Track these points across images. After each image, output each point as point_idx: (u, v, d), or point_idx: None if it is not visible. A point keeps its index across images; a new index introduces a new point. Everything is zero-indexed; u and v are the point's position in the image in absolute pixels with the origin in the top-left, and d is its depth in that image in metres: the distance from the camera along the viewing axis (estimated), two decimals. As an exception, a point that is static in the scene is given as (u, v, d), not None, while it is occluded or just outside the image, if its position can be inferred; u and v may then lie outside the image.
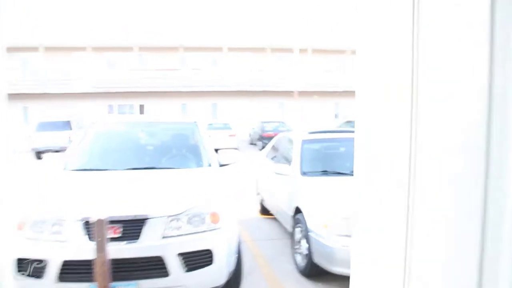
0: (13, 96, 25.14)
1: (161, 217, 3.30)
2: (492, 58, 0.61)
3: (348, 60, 29.60)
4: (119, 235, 3.19)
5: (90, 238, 3.09)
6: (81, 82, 25.66)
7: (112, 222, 3.18)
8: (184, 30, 30.65)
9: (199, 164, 4.67)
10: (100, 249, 2.74)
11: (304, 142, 5.90)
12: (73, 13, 23.33)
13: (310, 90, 27.69)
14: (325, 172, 5.36)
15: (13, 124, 25.23)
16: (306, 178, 5.21)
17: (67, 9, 22.95)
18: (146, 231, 3.24)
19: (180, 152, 5.01)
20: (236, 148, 20.55)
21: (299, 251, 4.79)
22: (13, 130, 23.81)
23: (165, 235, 3.28)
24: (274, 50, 28.55)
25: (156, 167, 4.49)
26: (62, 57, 26.57)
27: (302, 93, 26.59)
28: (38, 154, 18.31)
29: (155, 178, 4.14)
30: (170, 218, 3.33)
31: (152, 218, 3.27)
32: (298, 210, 4.90)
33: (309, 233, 4.40)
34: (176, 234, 3.31)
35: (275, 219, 6.78)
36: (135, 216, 3.26)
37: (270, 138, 20.74)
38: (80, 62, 26.88)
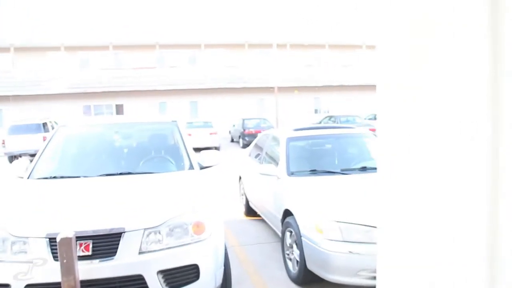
0: (-17, 99, 24.31)
1: (138, 230, 2.94)
2: None
3: (326, 54, 29.44)
4: (90, 252, 2.82)
5: (56, 258, 2.72)
6: (56, 83, 24.84)
7: (82, 237, 2.82)
8: (159, 27, 30.06)
9: (179, 167, 4.31)
10: (67, 272, 2.37)
11: (290, 140, 5.59)
12: (44, 12, 22.54)
13: (290, 86, 27.46)
14: (314, 172, 5.05)
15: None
16: (294, 178, 4.89)
17: (38, 8, 22.14)
18: (122, 246, 2.87)
19: (159, 154, 4.63)
20: (217, 147, 20.21)
21: (291, 256, 4.48)
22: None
23: (142, 250, 2.92)
24: (252, 46, 28.18)
25: (133, 172, 4.12)
26: (35, 57, 25.70)
27: (282, 89, 26.33)
28: (12, 159, 17.67)
29: (132, 185, 3.77)
30: (148, 231, 2.97)
31: (129, 231, 2.91)
32: (287, 213, 4.59)
33: (301, 238, 4.09)
34: (155, 249, 2.96)
35: (261, 220, 6.47)
36: (111, 229, 2.90)
37: (251, 135, 20.54)
38: (54, 62, 26.04)
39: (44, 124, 17.71)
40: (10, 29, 25.05)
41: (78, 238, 2.78)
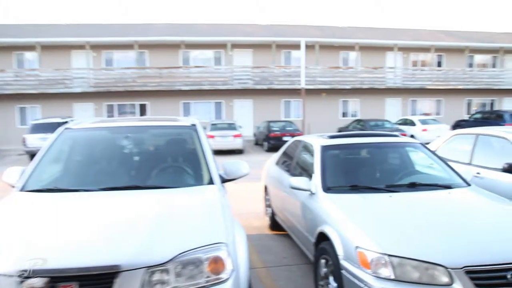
0: (8, 97, 24.26)
1: (138, 268, 2.27)
2: None
3: (356, 56, 28.50)
4: (74, 299, 2.16)
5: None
6: (80, 82, 24.64)
7: (65, 278, 2.17)
8: (185, 25, 29.65)
9: (197, 181, 3.62)
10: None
11: (325, 149, 4.87)
12: (70, 10, 22.41)
13: (317, 88, 26.61)
14: (355, 188, 4.30)
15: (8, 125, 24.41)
16: (331, 195, 4.16)
17: (64, 6, 22.03)
18: None
19: (173, 165, 3.95)
20: (241, 149, 19.64)
21: (326, 290, 3.76)
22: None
23: None
24: (280, 46, 27.36)
25: (142, 185, 3.46)
26: (60, 56, 25.56)
27: (310, 91, 25.52)
28: (33, 157, 17.44)
29: (138, 204, 3.10)
30: (152, 270, 2.30)
31: (126, 270, 2.25)
32: (323, 237, 3.86)
33: (341, 271, 3.37)
34: None
35: (289, 236, 5.75)
36: (102, 267, 2.23)
37: (276, 138, 19.92)
38: (79, 61, 25.85)
39: (65, 123, 17.41)
40: (36, 27, 24.98)
41: (59, 279, 2.14)
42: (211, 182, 3.58)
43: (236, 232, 2.96)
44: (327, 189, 4.28)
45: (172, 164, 3.96)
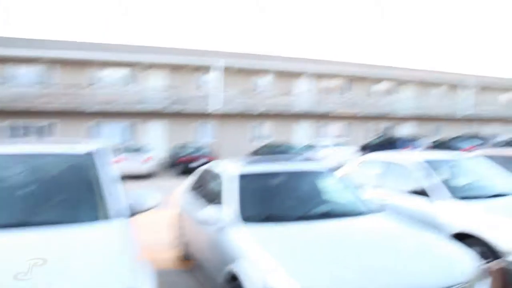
0: None
1: None
2: None
3: (268, 80, 29.09)
4: None
5: None
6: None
7: None
8: (96, 42, 28.32)
9: (95, 216, 3.17)
10: None
11: (242, 177, 4.62)
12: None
13: (230, 112, 26.55)
14: (271, 218, 4.09)
15: None
16: (244, 228, 3.90)
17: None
18: None
19: (67, 198, 3.43)
20: (151, 174, 19.03)
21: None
22: None
23: None
24: (197, 68, 27.00)
25: (30, 222, 2.96)
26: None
27: (222, 115, 25.46)
28: None
29: (22, 247, 2.62)
30: None
31: None
32: (233, 276, 3.56)
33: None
34: None
35: (200, 269, 5.40)
36: None
37: (187, 162, 19.54)
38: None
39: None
40: None
41: None
42: (112, 216, 3.17)
43: (143, 272, 2.59)
44: (240, 220, 4.03)
45: (65, 197, 3.43)
